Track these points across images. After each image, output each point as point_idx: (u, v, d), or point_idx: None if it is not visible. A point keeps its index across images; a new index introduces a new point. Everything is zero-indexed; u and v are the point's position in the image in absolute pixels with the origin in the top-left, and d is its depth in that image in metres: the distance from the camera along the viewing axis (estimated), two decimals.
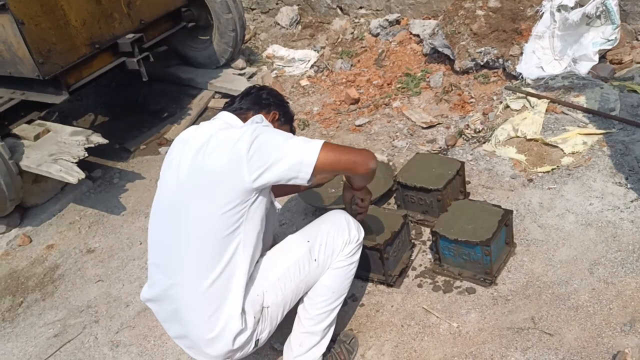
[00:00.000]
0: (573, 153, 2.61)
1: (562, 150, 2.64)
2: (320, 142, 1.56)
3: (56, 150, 3.04)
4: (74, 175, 2.89)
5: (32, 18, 2.82)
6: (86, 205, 3.28)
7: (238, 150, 1.53)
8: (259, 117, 1.73)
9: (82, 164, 2.99)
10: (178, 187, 1.63)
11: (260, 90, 1.88)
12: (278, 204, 1.78)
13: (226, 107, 1.83)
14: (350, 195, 1.88)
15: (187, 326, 1.65)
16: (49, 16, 2.91)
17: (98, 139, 3.12)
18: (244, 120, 1.75)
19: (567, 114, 2.86)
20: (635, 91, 2.86)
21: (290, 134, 1.61)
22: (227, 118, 1.74)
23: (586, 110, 2.82)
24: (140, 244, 2.85)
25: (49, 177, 3.03)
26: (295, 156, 1.53)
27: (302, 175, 1.54)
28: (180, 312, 1.65)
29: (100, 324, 2.43)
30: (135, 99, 4.33)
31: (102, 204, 3.26)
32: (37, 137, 3.17)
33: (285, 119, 1.88)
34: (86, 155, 3.03)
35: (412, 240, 2.35)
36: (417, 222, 2.46)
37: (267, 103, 1.83)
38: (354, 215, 1.88)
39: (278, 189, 2.16)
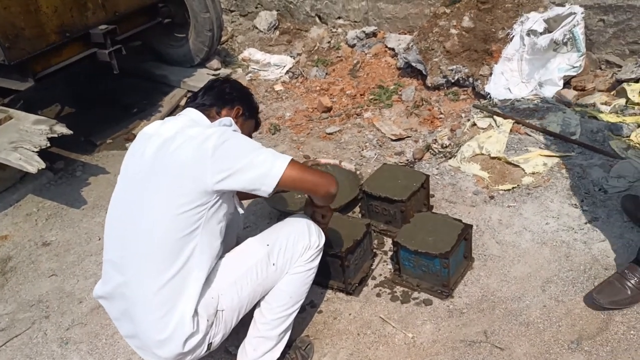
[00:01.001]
0: (533, 173, 2.69)
1: (523, 169, 2.72)
2: (288, 158, 1.56)
3: (17, 138, 2.95)
4: (34, 164, 2.80)
5: (1, 1, 2.74)
6: (45, 197, 3.19)
7: (204, 150, 1.52)
8: (228, 119, 1.71)
9: (44, 154, 2.91)
10: (138, 182, 1.60)
11: (224, 84, 1.86)
12: (242, 208, 1.76)
13: (189, 103, 1.81)
14: (311, 211, 1.89)
15: (138, 326, 1.61)
16: (19, 0, 2.83)
17: (62, 129, 3.04)
18: (210, 117, 1.73)
19: (530, 135, 2.95)
20: (595, 117, 2.97)
21: (259, 144, 1.60)
22: (192, 115, 1.72)
23: (548, 133, 2.91)
24: (99, 239, 2.79)
25: (7, 165, 2.93)
26: (262, 168, 1.52)
27: (265, 188, 1.54)
28: (131, 311, 1.61)
29: (50, 320, 2.36)
30: (105, 92, 4.25)
31: (62, 196, 3.18)
32: None
33: (249, 113, 1.87)
34: (48, 145, 2.94)
35: (374, 250, 2.37)
36: (380, 231, 2.49)
37: (230, 98, 1.81)
38: None
39: (242, 193, 2.15)
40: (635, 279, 1.92)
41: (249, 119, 1.87)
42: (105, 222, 1.71)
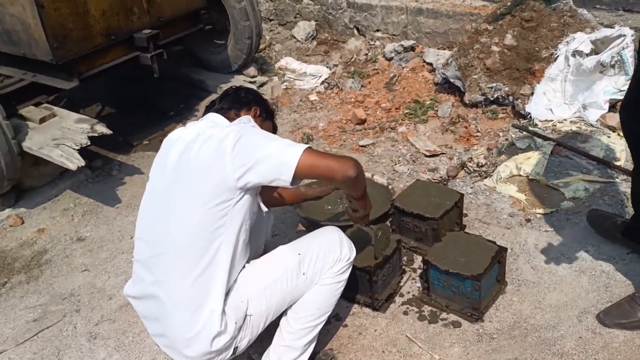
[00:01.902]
0: (574, 198, 2.60)
1: (563, 193, 2.64)
2: (304, 146, 1.56)
3: (59, 135, 3.04)
4: (74, 162, 2.88)
5: (52, 2, 2.84)
6: (82, 194, 3.27)
7: (224, 148, 1.54)
8: (247, 117, 1.74)
9: (83, 152, 2.98)
10: (165, 185, 1.65)
11: (238, 89, 1.90)
12: (265, 207, 1.76)
13: (209, 109, 1.85)
14: (348, 203, 1.88)
15: (166, 324, 1.63)
16: (69, 2, 2.93)
17: (102, 129, 3.12)
18: (229, 118, 1.76)
19: (571, 159, 2.86)
20: None
21: (275, 136, 1.63)
22: (213, 118, 1.76)
23: (591, 157, 2.82)
24: (131, 237, 2.83)
25: (48, 161, 3.02)
26: (277, 157, 1.53)
27: (284, 177, 1.53)
28: (160, 310, 1.63)
29: (80, 314, 2.40)
30: (145, 95, 4.34)
31: (98, 194, 3.25)
32: (42, 120, 3.17)
33: (266, 115, 1.90)
34: (89, 143, 3.02)
35: (403, 267, 2.33)
36: (410, 248, 2.45)
37: (247, 100, 1.84)
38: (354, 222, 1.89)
39: (275, 199, 2.16)
40: None
41: (267, 119, 1.90)
42: (136, 224, 1.75)
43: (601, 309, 2.02)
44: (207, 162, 1.56)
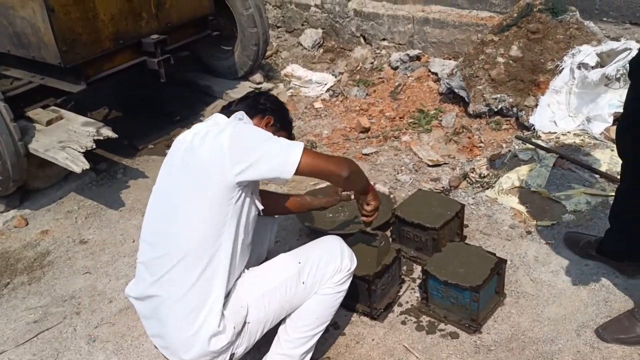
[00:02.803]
0: (575, 211, 2.60)
1: (564, 206, 2.63)
2: (300, 144, 1.60)
3: (66, 138, 3.07)
4: (79, 164, 2.90)
5: (62, 7, 2.88)
6: (86, 196, 3.30)
7: (219, 144, 1.57)
8: (241, 113, 1.74)
9: (88, 155, 3.01)
10: (169, 186, 1.68)
11: (258, 95, 1.91)
12: (260, 204, 1.77)
13: (222, 110, 1.85)
14: (358, 199, 1.90)
15: (165, 324, 1.64)
16: (79, 7, 2.96)
17: (108, 132, 3.14)
18: None
19: (574, 171, 2.86)
20: None
21: (270, 134, 1.64)
22: (217, 118, 1.76)
23: (594, 170, 2.82)
24: (133, 241, 2.85)
25: (54, 163, 3.05)
26: (279, 156, 1.56)
27: (285, 175, 1.57)
28: (160, 310, 1.65)
29: (81, 316, 2.41)
30: (151, 99, 4.38)
31: (102, 197, 3.27)
32: (49, 123, 3.21)
33: (281, 125, 1.89)
34: (94, 146, 3.05)
35: (402, 276, 2.34)
36: (410, 258, 2.45)
37: (263, 108, 1.85)
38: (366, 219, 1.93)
39: (280, 208, 2.16)
40: None
41: (280, 130, 1.87)
42: (142, 225, 1.77)
43: (600, 323, 2.01)
44: (206, 159, 1.59)
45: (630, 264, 2.17)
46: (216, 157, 1.57)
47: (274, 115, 1.86)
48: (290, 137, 1.96)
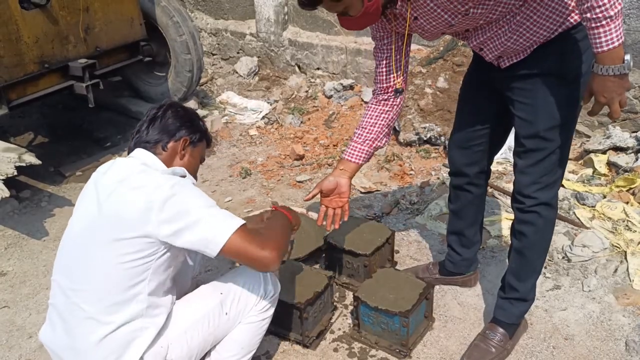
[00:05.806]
0: (499, 236, 2.73)
1: (488, 232, 2.76)
2: (238, 223, 1.51)
3: None
4: None
5: None
6: (7, 226, 3.10)
7: (152, 202, 1.47)
8: (181, 169, 1.64)
9: (10, 182, 2.85)
10: (87, 227, 1.56)
11: (165, 113, 1.70)
12: (191, 260, 1.71)
13: (134, 138, 1.70)
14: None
15: None
16: (1, 29, 2.85)
17: (31, 159, 2.99)
18: (157, 153, 1.66)
19: (497, 198, 3.02)
20: (562, 185, 3.06)
21: (212, 202, 1.56)
22: (143, 157, 1.64)
23: None
24: None
25: None
26: (207, 231, 1.48)
27: (209, 252, 1.50)
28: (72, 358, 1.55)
29: None
30: (80, 124, 4.22)
31: (24, 226, 3.09)
32: None
33: (197, 138, 1.75)
34: (15, 173, 2.88)
35: (335, 303, 2.35)
36: (342, 284, 2.47)
37: (174, 129, 1.68)
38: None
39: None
40: (497, 337, 2.04)
41: (198, 142, 1.76)
42: (54, 262, 1.65)
43: (522, 345, 2.11)
44: (133, 213, 1.47)
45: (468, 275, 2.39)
46: (145, 213, 1.46)
47: (188, 131, 1.71)
48: (208, 140, 1.84)
